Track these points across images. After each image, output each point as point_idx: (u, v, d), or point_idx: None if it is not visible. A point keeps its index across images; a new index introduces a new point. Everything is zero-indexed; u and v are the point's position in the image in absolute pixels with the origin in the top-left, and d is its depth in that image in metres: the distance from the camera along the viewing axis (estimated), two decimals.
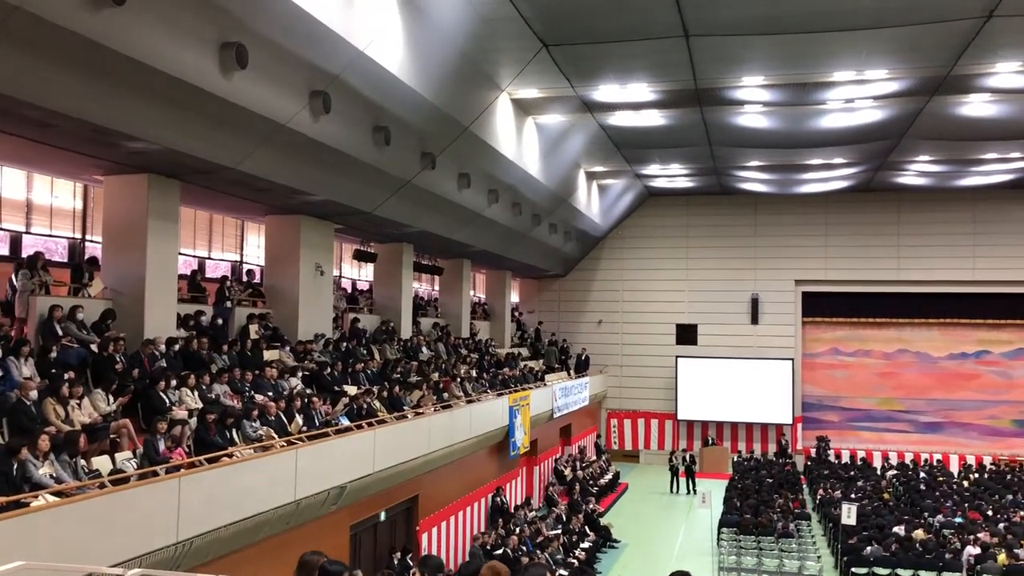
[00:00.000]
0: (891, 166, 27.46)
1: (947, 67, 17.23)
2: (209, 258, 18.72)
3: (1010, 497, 24.16)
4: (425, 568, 7.39)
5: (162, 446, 10.10)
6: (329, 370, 16.16)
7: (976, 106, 20.00)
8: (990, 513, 21.83)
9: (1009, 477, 27.64)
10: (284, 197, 15.21)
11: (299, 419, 13.14)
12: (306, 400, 13.80)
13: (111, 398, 10.70)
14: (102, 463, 9.73)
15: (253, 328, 15.57)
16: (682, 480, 28.75)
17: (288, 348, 16.04)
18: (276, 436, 12.11)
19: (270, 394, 13.60)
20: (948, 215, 31.87)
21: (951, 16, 14.66)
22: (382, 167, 15.44)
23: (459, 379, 20.75)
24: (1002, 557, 17.31)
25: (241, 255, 19.84)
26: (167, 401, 11.47)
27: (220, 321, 15.19)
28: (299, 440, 12.22)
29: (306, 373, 15.56)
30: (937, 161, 26.59)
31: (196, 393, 12.18)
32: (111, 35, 8.87)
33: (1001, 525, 20.30)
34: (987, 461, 30.61)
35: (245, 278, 18.93)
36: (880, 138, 23.31)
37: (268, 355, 15.03)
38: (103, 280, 13.08)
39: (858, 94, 19.24)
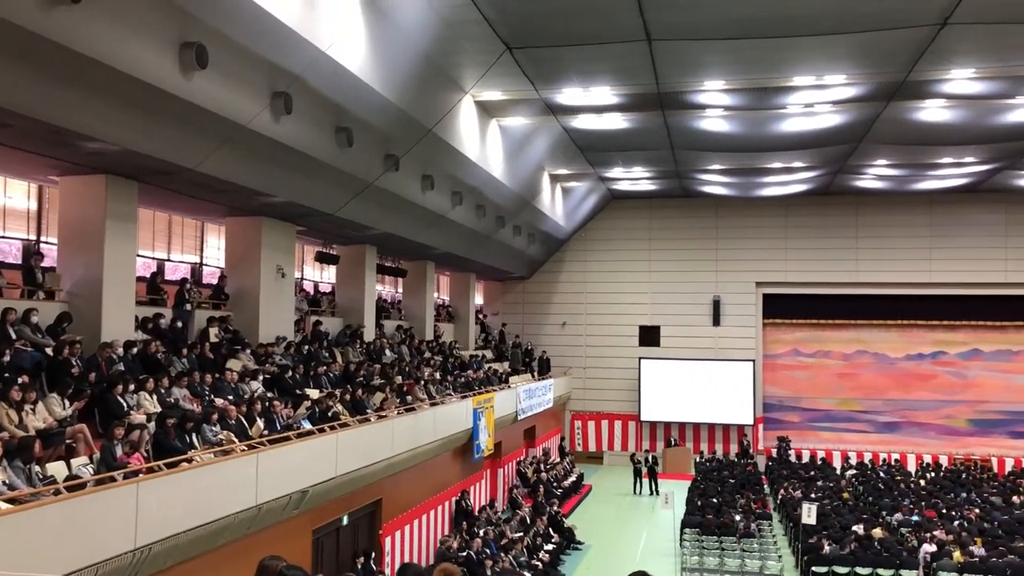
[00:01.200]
0: (850, 170, 27.88)
1: (904, 73, 17.54)
2: (168, 260, 18.46)
3: (965, 495, 24.62)
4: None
5: (119, 451, 9.93)
6: (291, 373, 16.02)
7: (932, 111, 20.37)
8: (946, 511, 22.22)
9: (964, 476, 28.17)
10: (245, 198, 15.06)
11: (260, 423, 13.00)
12: (267, 403, 13.66)
13: (67, 403, 10.49)
14: (57, 469, 9.55)
15: (213, 331, 15.38)
16: (645, 481, 28.89)
17: (249, 351, 15.86)
18: (237, 440, 11.97)
19: (230, 398, 13.45)
20: (905, 218, 32.44)
21: (907, 23, 14.93)
22: (344, 168, 15.35)
23: (423, 382, 20.68)
24: (957, 554, 17.64)
25: (201, 257, 19.59)
26: (125, 405, 11.28)
27: (179, 324, 14.97)
28: (260, 444, 12.09)
29: (267, 376, 15.40)
30: (894, 165, 27.06)
31: (155, 397, 12.00)
32: (67, 33, 8.72)
33: (956, 523, 20.69)
34: (943, 460, 31.17)
35: (205, 280, 18.71)
36: (839, 142, 23.66)
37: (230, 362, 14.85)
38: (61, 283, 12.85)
39: (817, 99, 19.52)
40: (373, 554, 15.85)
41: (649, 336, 34.38)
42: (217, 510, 10.41)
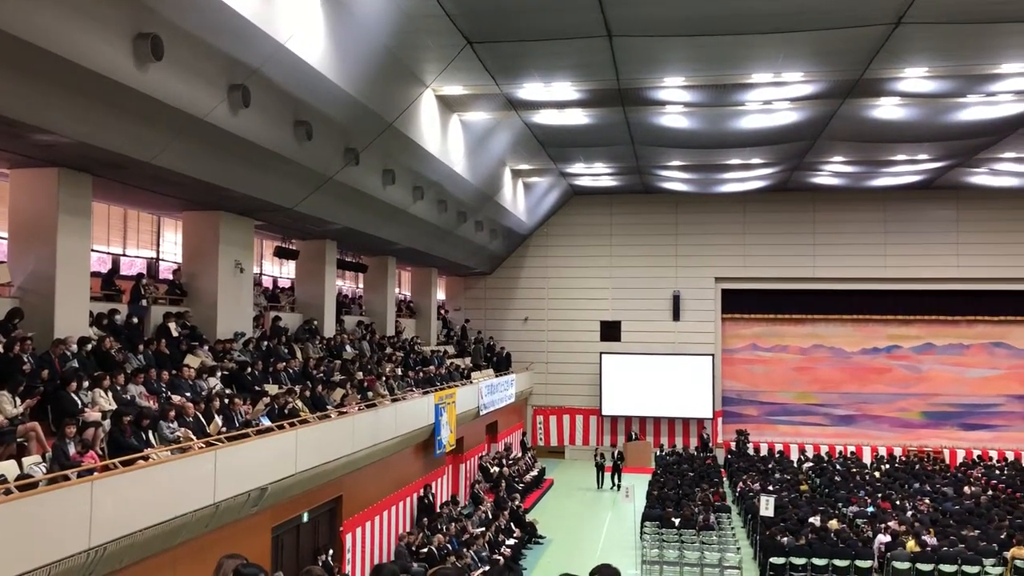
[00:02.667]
0: (806, 166, 28.26)
1: (859, 71, 17.80)
2: (124, 255, 18.15)
3: (918, 486, 25.12)
4: None
5: (72, 450, 9.75)
6: (249, 370, 15.85)
7: (887, 109, 20.71)
8: (899, 502, 22.65)
9: (917, 467, 28.74)
10: (202, 192, 14.84)
11: (218, 420, 12.85)
12: (225, 400, 13.51)
13: (18, 400, 10.26)
14: (8, 468, 9.35)
15: (172, 326, 15.17)
16: (607, 475, 29.05)
17: (207, 347, 15.66)
18: (194, 437, 11.82)
19: (188, 394, 13.28)
20: (860, 215, 32.99)
21: (862, 22, 15.15)
22: (304, 162, 15.20)
23: (384, 378, 20.58)
24: (911, 544, 18.01)
25: (157, 252, 19.28)
26: (79, 403, 11.08)
27: (135, 320, 14.74)
28: (218, 441, 11.95)
29: (225, 373, 15.23)
30: (850, 162, 27.48)
31: (110, 394, 11.80)
32: (19, 23, 8.52)
33: (910, 513, 21.10)
34: (897, 452, 31.78)
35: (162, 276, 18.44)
36: (796, 139, 23.96)
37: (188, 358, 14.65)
38: (11, 277, 12.57)
39: (775, 96, 19.74)
40: (332, 551, 15.75)
41: (610, 331, 34.60)
42: (174, 508, 10.28)
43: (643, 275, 34.31)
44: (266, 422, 13.96)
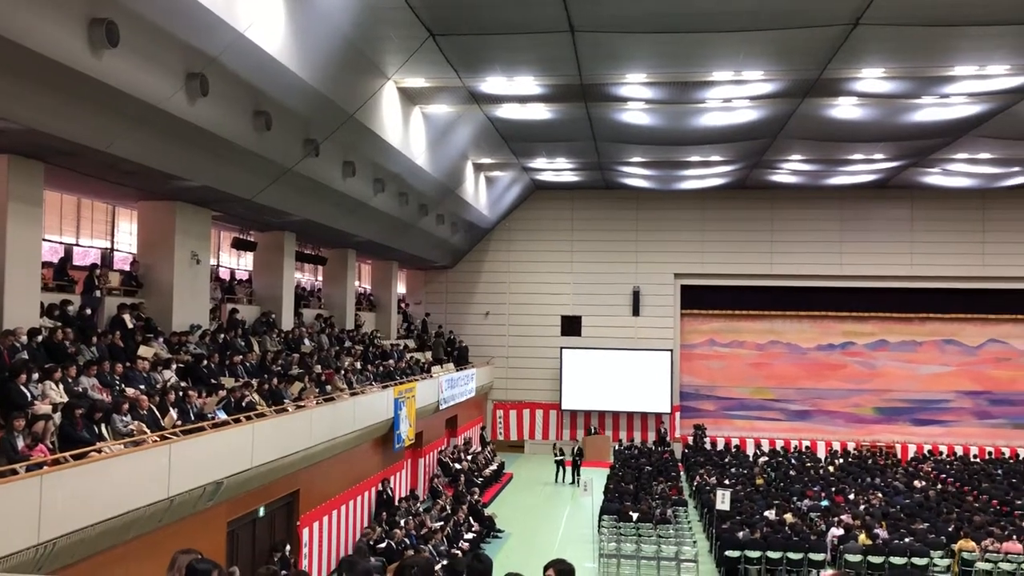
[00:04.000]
0: (765, 164, 28.58)
1: (818, 71, 18.03)
2: (77, 245, 17.80)
3: (870, 480, 25.57)
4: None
5: (21, 443, 9.54)
6: (205, 362, 15.64)
7: (844, 109, 21.01)
8: (852, 496, 23.04)
9: (870, 462, 29.26)
10: (158, 182, 14.60)
11: (173, 413, 12.67)
12: (181, 393, 13.31)
13: None
14: None
15: (126, 318, 14.91)
16: (568, 470, 29.14)
17: (162, 339, 15.43)
18: (148, 431, 11.63)
19: (142, 387, 13.06)
20: (817, 212, 33.47)
21: (821, 22, 15.35)
22: (263, 153, 15.01)
23: (343, 371, 20.44)
24: (863, 537, 18.34)
25: (112, 242, 18.94)
26: (29, 395, 10.85)
27: (88, 311, 14.46)
28: (173, 435, 11.78)
29: (181, 365, 15.01)
30: (808, 160, 27.84)
31: (61, 386, 11.57)
32: None
33: (862, 507, 21.48)
34: (851, 447, 32.33)
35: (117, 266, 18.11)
36: (755, 137, 24.22)
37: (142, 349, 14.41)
38: None
39: (735, 94, 19.92)
40: (289, 546, 15.63)
41: (571, 326, 34.73)
42: (127, 503, 10.11)
43: (604, 270, 34.49)
44: (222, 415, 13.79)
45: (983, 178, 30.13)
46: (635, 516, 20.58)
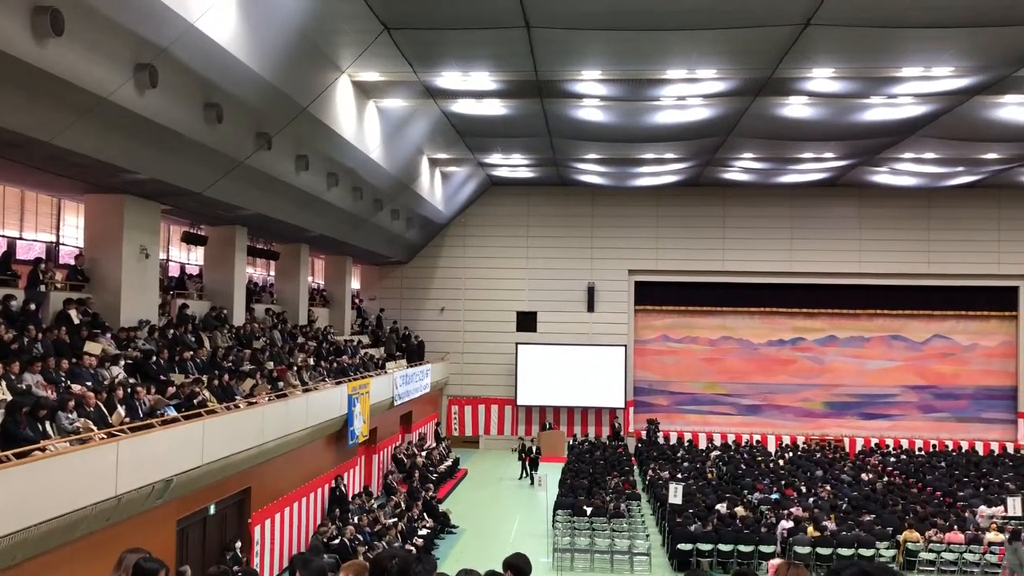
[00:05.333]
0: (718, 162, 28.91)
1: (769, 70, 18.28)
2: (21, 239, 17.39)
3: (820, 473, 26.03)
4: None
5: None
6: (155, 358, 15.38)
7: (795, 108, 21.33)
8: (803, 489, 23.44)
9: (819, 455, 29.78)
10: (106, 175, 14.30)
11: (121, 410, 12.43)
12: (129, 390, 13.07)
13: None
14: None
15: (72, 313, 14.59)
16: (523, 466, 29.17)
17: (110, 335, 15.13)
18: (95, 428, 11.40)
19: (89, 384, 12.80)
20: (768, 210, 33.95)
21: (773, 22, 15.56)
22: (214, 146, 14.79)
23: (295, 368, 20.24)
24: (811, 529, 18.67)
25: (58, 236, 18.54)
26: None
27: (33, 306, 14.13)
28: (121, 432, 11.56)
29: (129, 361, 14.74)
30: (760, 159, 28.22)
31: (4, 384, 11.29)
32: None
33: (811, 500, 21.86)
34: (800, 441, 32.89)
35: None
36: (708, 135, 24.48)
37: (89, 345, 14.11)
38: None
39: (689, 92, 20.11)
40: (240, 544, 15.45)
41: (526, 322, 34.81)
42: (73, 502, 9.89)
43: (559, 266, 34.62)
44: (172, 412, 13.57)
45: (929, 177, 30.85)
46: (589, 510, 20.71)
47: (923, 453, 31.03)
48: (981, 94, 19.89)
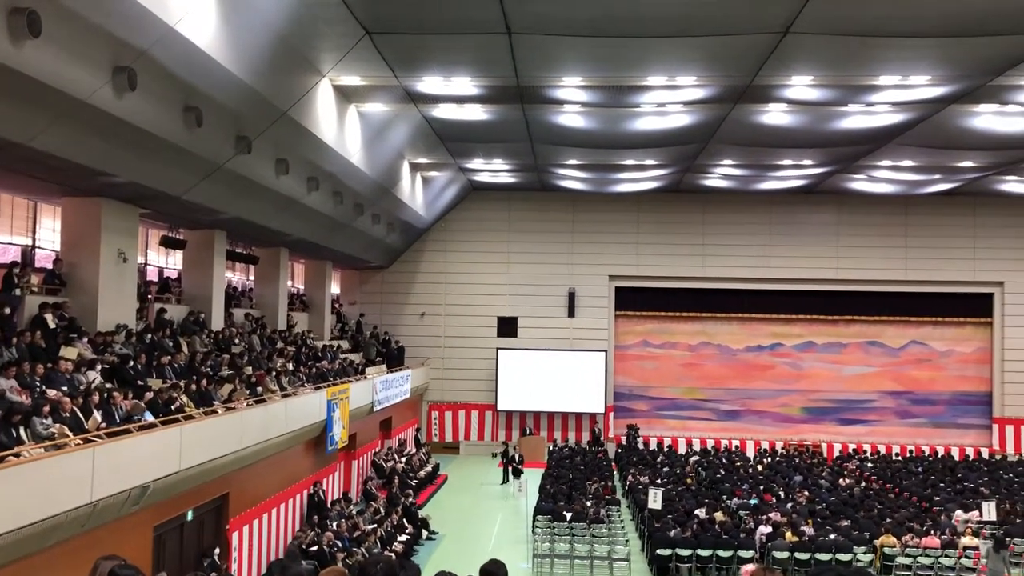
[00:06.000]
0: (698, 169, 29.06)
1: (749, 77, 18.40)
2: None
3: (798, 478, 26.18)
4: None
5: None
6: (132, 363, 15.23)
7: (774, 115, 21.48)
8: (781, 494, 23.56)
9: (797, 460, 29.96)
10: (83, 178, 14.17)
11: (98, 415, 12.31)
12: (106, 395, 12.94)
13: None
14: None
15: (48, 317, 14.43)
16: (506, 470, 29.09)
17: (86, 340, 14.98)
18: (71, 434, 11.28)
19: (65, 389, 12.66)
20: (747, 216, 34.18)
21: (753, 30, 15.67)
22: (193, 149, 14.69)
23: (274, 373, 20.13)
24: (789, 535, 18.77)
25: (34, 239, 18.33)
26: None
27: (7, 310, 13.95)
28: (97, 437, 11.44)
29: (106, 366, 14.59)
30: (739, 165, 28.39)
31: None
32: None
33: (789, 505, 21.98)
34: (779, 446, 33.07)
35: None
36: (688, 142, 24.60)
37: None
38: None
39: (669, 99, 20.20)
40: (218, 550, 15.33)
41: (507, 327, 34.82)
42: (48, 508, 9.78)
43: (540, 272, 34.67)
44: (149, 417, 13.44)
45: (906, 185, 31.17)
46: (569, 516, 20.71)
47: (900, 458, 31.27)
48: (957, 103, 20.12)
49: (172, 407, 14.25)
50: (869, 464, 29.48)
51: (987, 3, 14.47)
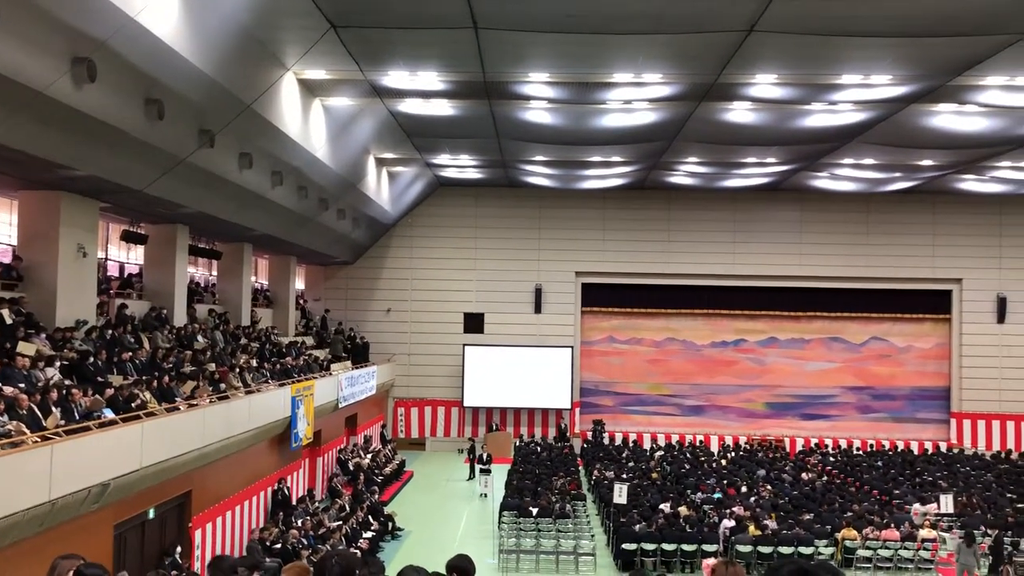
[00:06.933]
0: (663, 166, 29.22)
1: (714, 75, 18.52)
2: None
3: (761, 473, 26.46)
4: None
5: None
6: (92, 359, 15.00)
7: (739, 113, 21.65)
8: (743, 489, 23.79)
9: (760, 455, 30.27)
10: (42, 171, 13.90)
11: (56, 412, 12.10)
12: (64, 392, 12.72)
13: None
14: None
15: (4, 313, 14.16)
16: (472, 467, 29.06)
17: (44, 335, 14.72)
18: (28, 431, 11.08)
19: (22, 385, 12.43)
20: (712, 214, 34.45)
21: (718, 28, 15.77)
22: (154, 143, 14.47)
23: (238, 369, 19.93)
24: (752, 528, 18.97)
25: None
26: None
27: None
28: (56, 435, 11.25)
29: (65, 363, 14.35)
30: (704, 163, 28.59)
31: None
32: None
33: (752, 499, 22.22)
34: (742, 441, 33.40)
35: None
36: (654, 139, 24.72)
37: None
38: None
39: (635, 96, 20.28)
40: (180, 548, 15.15)
41: (473, 323, 34.78)
42: (4, 507, 9.59)
43: (506, 268, 34.66)
44: (109, 414, 13.25)
45: (867, 183, 31.60)
46: (535, 511, 20.75)
47: (861, 452, 31.71)
48: (917, 102, 20.43)
49: (133, 404, 14.05)
50: (831, 458, 29.86)
51: (946, 5, 14.70)
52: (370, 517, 21.39)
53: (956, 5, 14.70)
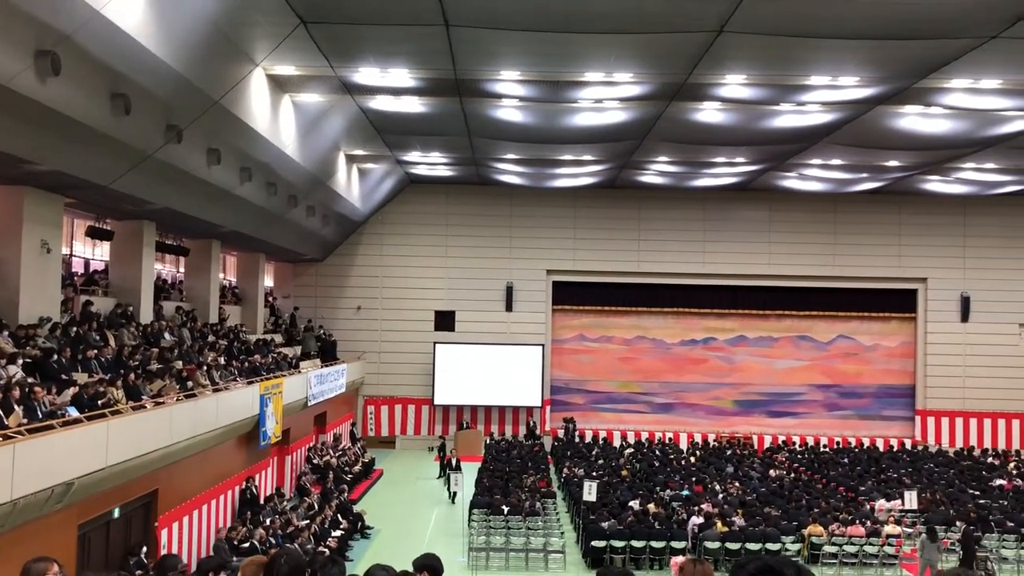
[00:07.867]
0: (634, 165, 29.35)
1: (684, 75, 18.63)
2: None
3: (730, 470, 26.69)
4: (163, 571, 6.98)
5: None
6: (56, 357, 14.78)
7: (709, 113, 21.80)
8: (712, 486, 23.96)
9: (729, 452, 30.52)
10: (4, 166, 13.65)
11: (19, 411, 11.90)
12: (27, 390, 12.52)
13: None
14: None
15: None
16: (441, 465, 28.99)
17: (7, 333, 14.48)
18: None
19: None
20: (682, 213, 34.66)
21: (688, 28, 15.86)
22: (121, 138, 14.28)
23: (205, 367, 19.73)
24: (720, 525, 19.12)
25: None
26: None
27: None
28: (18, 434, 11.07)
29: (28, 360, 14.13)
30: (674, 162, 28.76)
31: None
32: None
33: (721, 496, 22.39)
34: (711, 438, 33.65)
35: None
36: (624, 138, 24.81)
37: None
38: None
39: (606, 95, 20.35)
40: (146, 548, 14.99)
41: (444, 321, 34.71)
42: None
43: (478, 266, 34.63)
44: (73, 412, 13.06)
45: (835, 183, 31.96)
46: (505, 509, 20.77)
47: (827, 449, 32.09)
48: (884, 104, 20.69)
49: (100, 402, 13.86)
50: (798, 455, 30.18)
51: (912, 9, 14.89)
52: (339, 516, 21.28)
53: (922, 9, 14.90)
